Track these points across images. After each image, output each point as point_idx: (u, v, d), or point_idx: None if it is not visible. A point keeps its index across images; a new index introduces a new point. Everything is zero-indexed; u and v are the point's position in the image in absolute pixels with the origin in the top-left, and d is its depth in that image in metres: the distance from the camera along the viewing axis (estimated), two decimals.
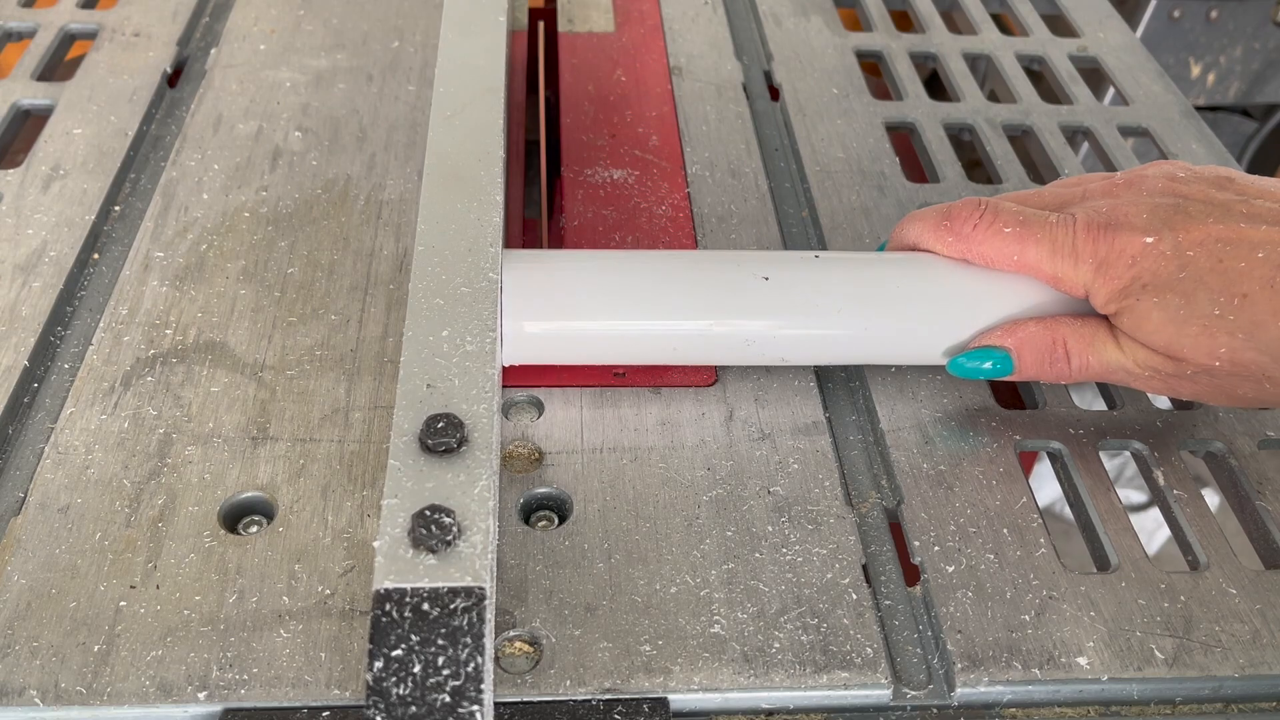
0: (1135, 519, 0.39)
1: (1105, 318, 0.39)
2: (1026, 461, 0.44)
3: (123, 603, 0.33)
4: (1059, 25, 0.67)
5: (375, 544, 0.31)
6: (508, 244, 0.44)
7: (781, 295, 0.39)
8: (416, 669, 0.28)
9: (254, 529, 0.36)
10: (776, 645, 0.33)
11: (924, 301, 0.40)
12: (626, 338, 0.39)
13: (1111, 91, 0.62)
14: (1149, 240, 0.36)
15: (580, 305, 0.39)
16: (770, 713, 0.33)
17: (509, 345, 0.39)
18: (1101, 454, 0.41)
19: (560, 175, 0.52)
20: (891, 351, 0.41)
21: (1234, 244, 0.36)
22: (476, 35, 0.49)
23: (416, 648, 0.29)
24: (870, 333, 0.40)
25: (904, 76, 0.60)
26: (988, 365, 0.39)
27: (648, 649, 0.33)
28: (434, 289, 0.38)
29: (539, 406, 0.41)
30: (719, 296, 0.39)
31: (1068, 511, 0.40)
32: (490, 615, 0.30)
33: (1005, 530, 0.37)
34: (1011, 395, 0.44)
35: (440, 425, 0.34)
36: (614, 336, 0.39)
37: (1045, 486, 0.93)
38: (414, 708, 0.28)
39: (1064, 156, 0.55)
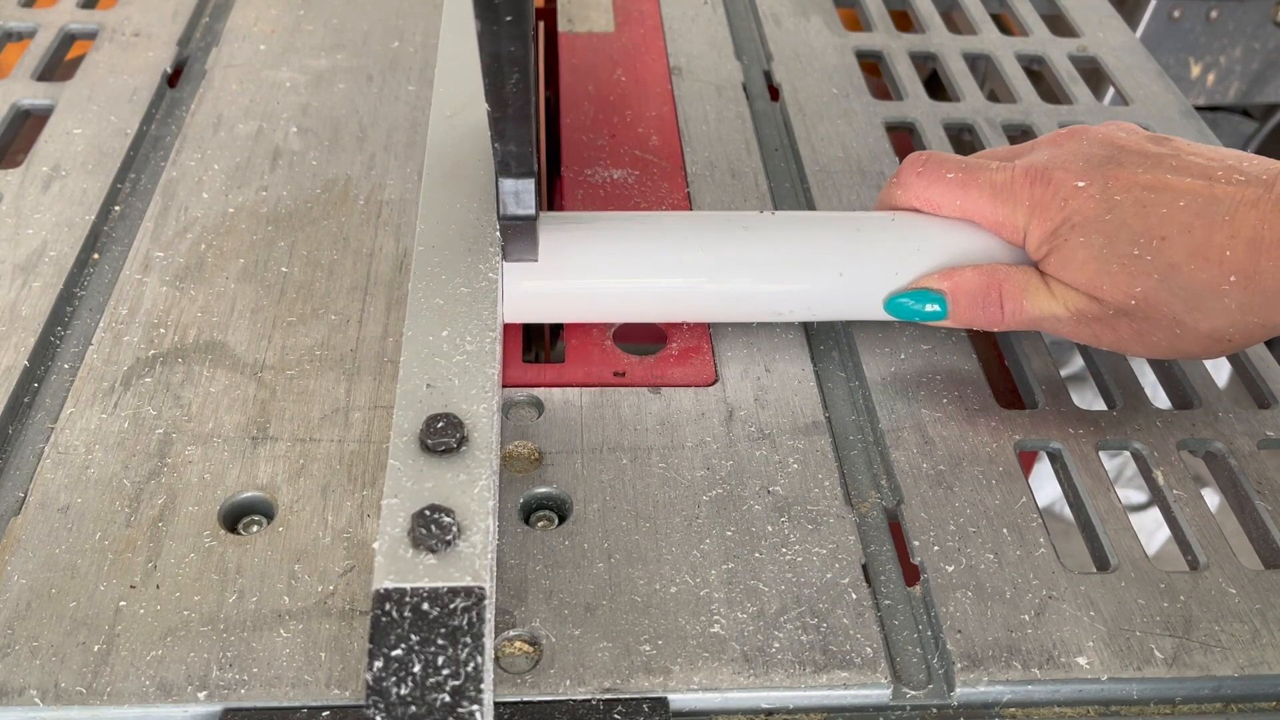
0: (1135, 519, 0.39)
1: (1037, 266, 0.40)
2: (1026, 461, 0.44)
3: (123, 602, 0.33)
4: (1059, 25, 0.67)
5: (375, 544, 0.31)
6: None
7: (759, 247, 0.41)
8: (416, 669, 0.28)
9: (254, 529, 0.36)
10: (776, 645, 0.33)
11: (864, 250, 0.41)
12: (616, 290, 0.41)
13: (1111, 91, 0.62)
14: (1080, 184, 0.38)
15: (573, 262, 0.41)
16: (770, 712, 0.33)
17: (508, 303, 0.41)
18: (1101, 454, 0.41)
19: (560, 175, 0.52)
20: (840, 300, 0.42)
21: (1159, 191, 0.37)
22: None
23: (416, 648, 0.29)
24: (816, 285, 0.41)
25: (904, 76, 0.60)
26: (926, 308, 0.41)
27: (648, 649, 0.33)
28: (434, 289, 0.38)
29: (539, 406, 0.41)
30: (698, 247, 0.41)
31: (1068, 511, 0.40)
32: (490, 615, 0.30)
33: (1005, 530, 0.37)
34: (1012, 395, 0.44)
35: (440, 425, 0.34)
36: (601, 288, 0.41)
37: (1045, 486, 0.93)
38: (414, 708, 0.28)
39: None
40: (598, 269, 0.41)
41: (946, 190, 0.41)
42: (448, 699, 0.28)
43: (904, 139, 0.57)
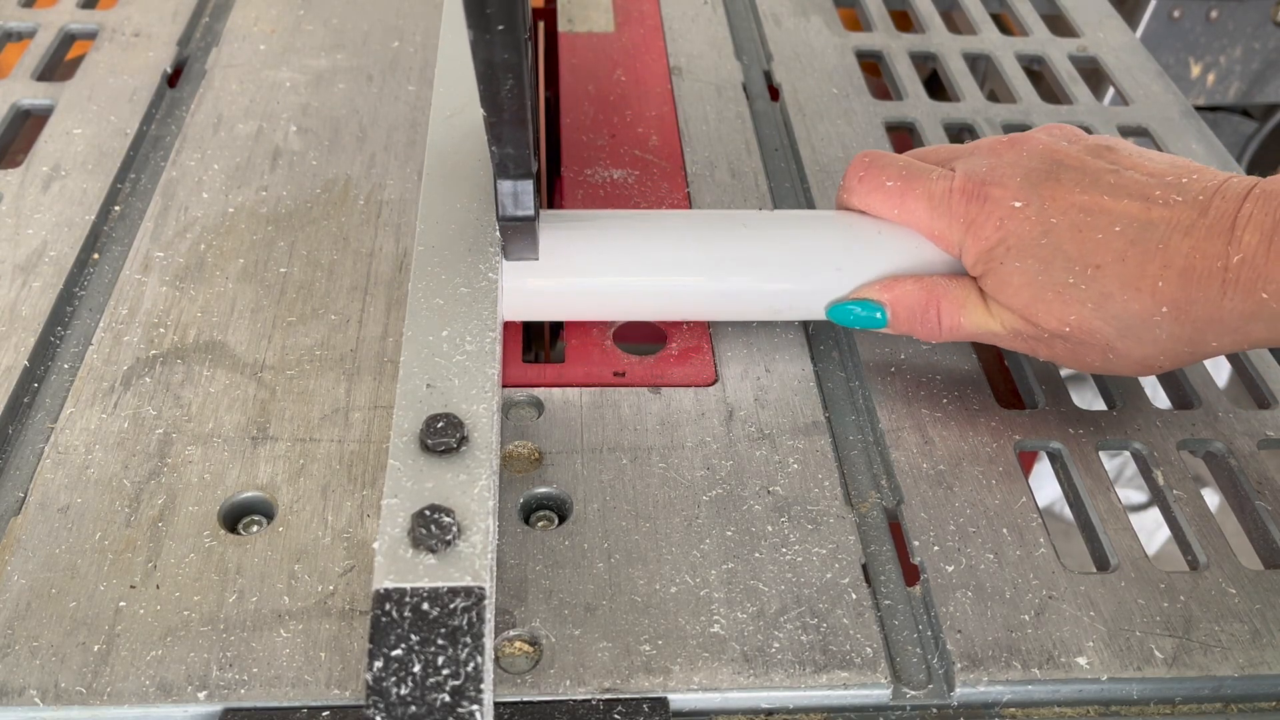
0: (1135, 519, 0.39)
1: (975, 279, 0.40)
2: (1026, 461, 0.44)
3: (122, 603, 0.33)
4: (1059, 25, 0.67)
5: (375, 544, 0.31)
6: None
7: (758, 245, 0.41)
8: (416, 669, 0.28)
9: (254, 529, 0.36)
10: (776, 645, 0.33)
11: (863, 248, 0.41)
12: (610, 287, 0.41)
13: (1111, 91, 0.62)
14: (1017, 204, 0.38)
15: (573, 260, 0.41)
16: (770, 712, 0.33)
17: (508, 301, 0.41)
18: (1101, 454, 0.41)
19: (560, 175, 0.52)
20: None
21: (1094, 214, 0.37)
22: None
23: (416, 648, 0.29)
24: (815, 283, 0.41)
25: (904, 76, 0.60)
26: (867, 315, 0.41)
27: (647, 649, 0.33)
28: (434, 289, 0.38)
29: (539, 406, 0.41)
30: (697, 245, 0.41)
31: (1068, 511, 0.40)
32: (490, 615, 0.30)
33: (1005, 530, 0.37)
34: (1012, 395, 0.44)
35: (440, 425, 0.34)
36: (601, 286, 0.41)
37: (1045, 486, 0.93)
38: (414, 708, 0.28)
39: None
40: (598, 267, 0.41)
41: (885, 199, 0.41)
42: (448, 699, 0.28)
43: (904, 139, 0.58)
